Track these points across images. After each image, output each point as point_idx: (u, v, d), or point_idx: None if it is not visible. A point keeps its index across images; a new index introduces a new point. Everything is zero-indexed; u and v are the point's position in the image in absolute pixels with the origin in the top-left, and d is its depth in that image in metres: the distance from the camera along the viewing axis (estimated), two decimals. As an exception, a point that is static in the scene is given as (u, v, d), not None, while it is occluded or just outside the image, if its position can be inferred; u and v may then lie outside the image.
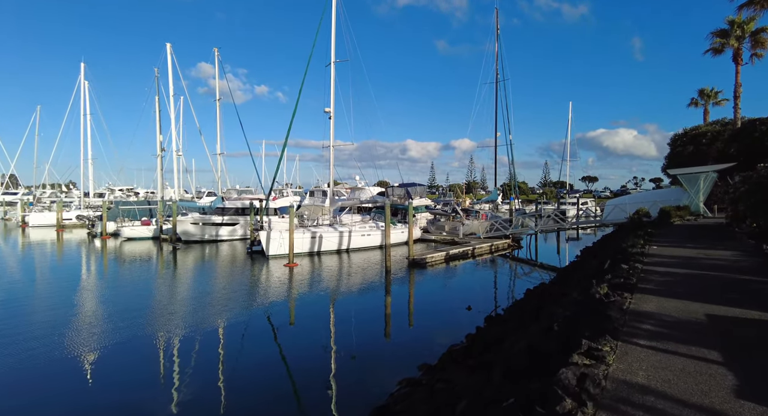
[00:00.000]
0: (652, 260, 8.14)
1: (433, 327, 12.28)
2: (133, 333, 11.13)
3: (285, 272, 19.81)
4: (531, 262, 25.31)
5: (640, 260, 7.96)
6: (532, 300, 11.50)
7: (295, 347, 10.70)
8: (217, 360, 9.70)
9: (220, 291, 16.07)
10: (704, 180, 21.23)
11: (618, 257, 10.22)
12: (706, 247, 9.93)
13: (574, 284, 9.30)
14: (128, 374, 8.86)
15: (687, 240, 11.43)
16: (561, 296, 8.65)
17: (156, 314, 12.92)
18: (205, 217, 30.77)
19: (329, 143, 26.73)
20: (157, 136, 35.40)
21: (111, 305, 14.01)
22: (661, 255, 8.67)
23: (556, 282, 13.29)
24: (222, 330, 11.74)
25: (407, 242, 29.66)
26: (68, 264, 23.10)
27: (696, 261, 8.31)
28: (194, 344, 10.65)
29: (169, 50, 39.90)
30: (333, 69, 25.90)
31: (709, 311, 5.10)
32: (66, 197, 55.42)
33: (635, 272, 6.76)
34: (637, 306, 5.17)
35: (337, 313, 13.85)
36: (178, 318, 12.54)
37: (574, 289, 7.85)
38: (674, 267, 7.55)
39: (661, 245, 10.49)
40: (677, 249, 9.58)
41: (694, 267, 7.69)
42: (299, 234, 23.15)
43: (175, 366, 9.28)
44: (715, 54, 26.60)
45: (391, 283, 17.76)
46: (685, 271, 7.32)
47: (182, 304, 14.17)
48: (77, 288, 16.99)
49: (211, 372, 8.94)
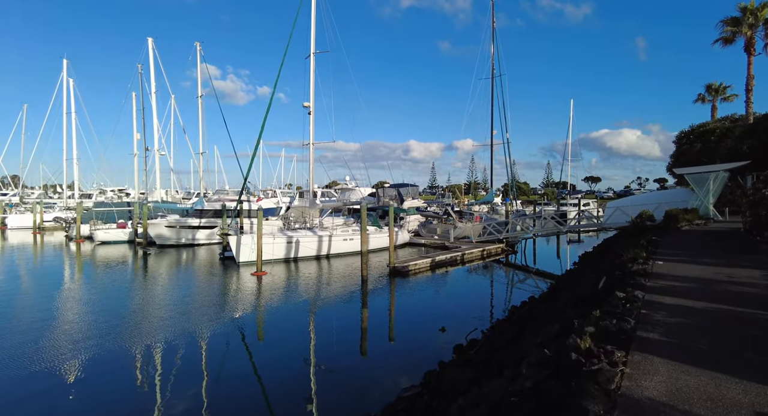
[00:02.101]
0: (658, 284, 6.29)
1: (407, 346, 10.66)
2: (66, 352, 9.65)
3: (252, 281, 18.04)
4: (525, 269, 23.44)
5: (642, 283, 6.12)
6: (513, 324, 9.69)
7: (256, 367, 9.40)
8: (160, 380, 8.39)
9: (174, 305, 14.32)
10: (714, 180, 19.29)
11: (616, 273, 8.39)
12: (726, 263, 8.02)
13: (558, 311, 7.47)
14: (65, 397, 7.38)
15: (700, 253, 9.55)
16: (541, 326, 6.82)
17: (92, 331, 11.29)
18: (181, 220, 29.05)
19: (309, 141, 24.91)
20: (134, 134, 33.74)
21: (49, 319, 12.37)
22: (669, 276, 6.83)
23: (544, 300, 11.45)
24: (162, 349, 10.16)
25: (394, 247, 27.99)
26: (30, 270, 21.45)
27: (717, 286, 6.32)
28: (137, 364, 9.27)
29: (151, 45, 38.26)
30: (312, 61, 24.16)
31: (762, 402, 2.92)
32: (52, 198, 53.95)
33: (634, 306, 4.92)
34: (634, 385, 3.12)
35: (306, 329, 12.23)
36: (114, 336, 10.93)
37: (554, 323, 6.02)
38: (688, 297, 5.62)
39: (669, 259, 8.63)
40: (689, 267, 7.68)
41: (717, 297, 5.62)
42: (273, 240, 21.37)
43: (106, 391, 7.96)
44: (726, 44, 24.63)
45: (367, 295, 15.98)
46: (704, 306, 5.20)
47: (125, 320, 12.47)
48: (22, 297, 15.30)
49: (153, 395, 7.72)
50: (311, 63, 24.16)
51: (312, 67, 24.19)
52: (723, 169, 19.24)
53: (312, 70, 24.19)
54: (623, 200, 27.63)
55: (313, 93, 24.23)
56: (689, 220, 16.72)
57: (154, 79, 38.70)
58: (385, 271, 19.69)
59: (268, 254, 20.75)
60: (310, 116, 24.33)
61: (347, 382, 8.42)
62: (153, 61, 38.45)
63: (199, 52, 37.14)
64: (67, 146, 45.81)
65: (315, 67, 24.25)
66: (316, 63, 24.10)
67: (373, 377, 8.76)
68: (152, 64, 38.41)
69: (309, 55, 24.26)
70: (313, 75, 24.21)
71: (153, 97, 39.01)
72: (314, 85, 24.26)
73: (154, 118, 38.96)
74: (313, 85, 24.26)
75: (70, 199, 48.20)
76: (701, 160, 23.98)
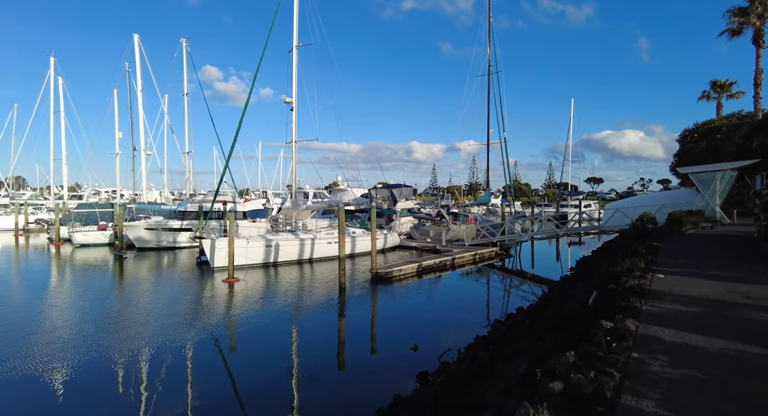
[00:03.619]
0: (656, 308, 4.96)
1: (374, 366, 9.43)
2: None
3: (222, 289, 16.80)
4: (520, 274, 22.08)
5: (636, 307, 4.81)
6: (491, 344, 8.39)
7: (215, 385, 8.40)
8: (112, 399, 7.61)
9: (130, 315, 13.08)
10: (721, 179, 17.92)
11: (609, 287, 7.09)
12: (740, 278, 6.62)
13: (538, 333, 6.17)
14: None
15: (708, 262, 8.21)
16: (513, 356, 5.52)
17: (31, 345, 10.18)
18: (161, 222, 27.85)
19: (292, 139, 23.65)
20: (116, 133, 32.58)
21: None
22: (671, 296, 5.50)
23: (530, 313, 10.14)
24: (112, 365, 9.11)
25: (383, 250, 26.69)
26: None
27: (734, 312, 4.82)
28: (80, 384, 8.27)
29: (137, 42, 37.21)
30: (295, 54, 22.93)
31: None
32: (47, 199, 52.83)
33: (621, 346, 3.61)
34: None
35: (273, 342, 11.05)
36: (66, 349, 9.88)
37: (525, 356, 4.72)
38: (696, 329, 4.17)
39: (671, 271, 7.31)
40: (696, 282, 6.32)
41: (737, 332, 4.12)
42: (247, 244, 20.11)
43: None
44: (732, 35, 23.22)
45: (345, 305, 14.71)
46: (721, 348, 3.69)
47: (80, 331, 11.31)
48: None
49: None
50: (294, 56, 22.95)
51: (294, 61, 23.00)
52: (731, 168, 17.88)
53: (294, 64, 23.01)
54: (623, 201, 26.23)
55: (296, 88, 23.02)
56: (694, 223, 15.36)
57: (140, 77, 37.67)
58: (367, 277, 18.38)
59: (242, 259, 19.52)
60: (293, 112, 23.10)
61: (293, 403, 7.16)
62: (139, 58, 37.43)
63: (185, 48, 36.10)
64: (55, 146, 44.87)
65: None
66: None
67: (324, 403, 7.50)
68: (138, 61, 37.37)
69: (291, 48, 23.04)
70: (295, 69, 23.02)
71: (139, 95, 38.02)
72: (297, 80, 23.06)
73: (140, 117, 37.94)
74: (295, 79, 23.08)
75: (61, 201, 47.16)
76: (707, 158, 22.60)
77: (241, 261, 19.56)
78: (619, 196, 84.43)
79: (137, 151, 39.63)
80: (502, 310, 14.27)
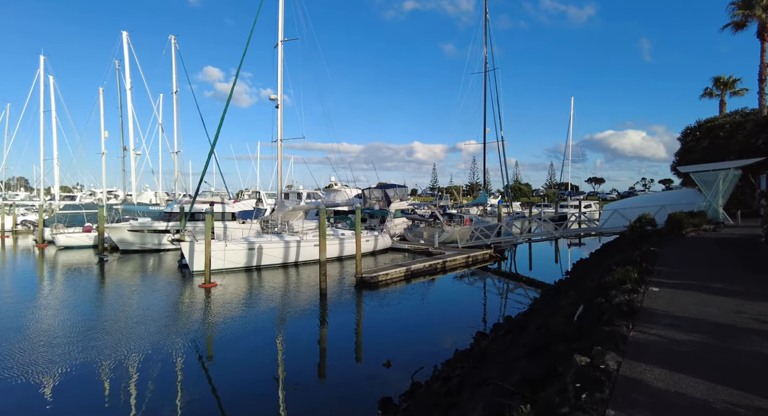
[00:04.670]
0: (646, 335, 4.03)
1: (338, 385, 8.51)
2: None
3: (199, 295, 15.97)
4: (515, 277, 21.18)
5: (620, 335, 3.92)
6: (466, 361, 7.52)
7: (182, 399, 7.75)
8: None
9: (98, 322, 12.30)
10: (724, 179, 17.00)
11: (597, 301, 6.20)
12: (748, 292, 5.63)
13: (511, 358, 5.30)
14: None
15: (710, 271, 7.31)
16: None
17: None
18: (146, 224, 27.05)
19: (278, 138, 22.81)
20: (101, 132, 31.82)
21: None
22: (666, 317, 4.57)
23: (516, 325, 9.26)
24: (74, 379, 8.36)
25: (374, 252, 25.81)
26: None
27: (743, 343, 3.79)
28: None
29: (126, 39, 36.43)
30: (280, 50, 22.07)
31: None
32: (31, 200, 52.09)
33: (594, 398, 2.73)
34: None
35: (246, 353, 10.25)
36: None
37: (484, 393, 3.84)
38: (694, 371, 3.17)
39: (668, 283, 6.42)
40: (696, 298, 5.36)
41: (747, 375, 3.15)
42: (225, 247, 19.24)
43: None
44: (736, 29, 22.25)
45: (326, 312, 13.86)
46: (727, 402, 2.74)
47: (30, 340, 10.49)
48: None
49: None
50: (279, 52, 22.10)
51: (280, 57, 22.13)
52: (734, 167, 16.95)
53: (280, 61, 22.14)
54: (622, 202, 25.28)
55: (281, 85, 22.18)
56: (696, 225, 14.44)
57: (129, 75, 36.92)
58: (351, 282, 17.51)
59: (220, 262, 18.67)
60: (278, 110, 22.25)
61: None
62: (128, 56, 36.67)
63: (174, 45, 35.26)
64: (46, 146, 44.11)
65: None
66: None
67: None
68: (127, 59, 36.61)
69: (277, 43, 22.20)
70: (281, 66, 22.17)
71: (129, 94, 37.27)
72: (282, 77, 22.22)
73: (129, 116, 37.19)
74: (281, 76, 22.22)
75: (53, 201, 46.44)
76: (709, 157, 21.66)
77: (221, 265, 18.71)
78: (621, 196, 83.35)
79: (128, 150, 38.95)
80: (490, 319, 13.39)
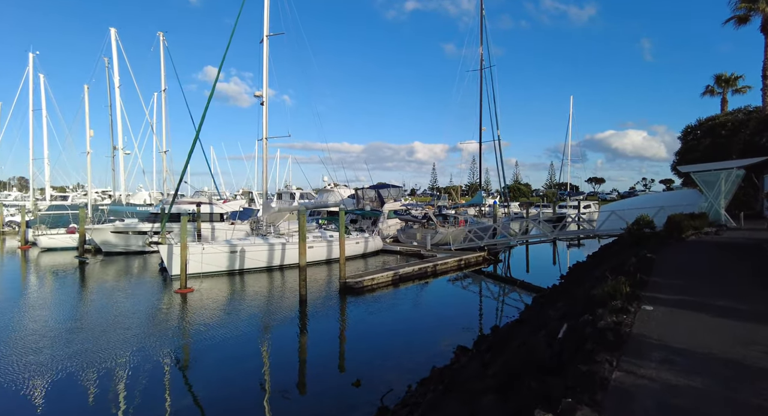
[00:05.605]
0: (632, 379, 3.13)
1: (313, 405, 7.71)
2: None
3: (174, 301, 15.19)
4: (509, 281, 20.33)
5: (601, 378, 3.12)
6: (437, 387, 6.73)
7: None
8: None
9: (66, 330, 11.51)
10: (726, 179, 16.20)
11: (584, 319, 5.41)
12: (760, 315, 4.68)
13: (481, 387, 4.50)
14: None
15: (714, 285, 6.47)
16: None
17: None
18: (130, 225, 26.26)
19: (263, 136, 22.00)
20: (86, 130, 31.05)
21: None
22: (659, 350, 3.66)
23: (500, 338, 8.45)
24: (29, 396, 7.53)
25: (364, 255, 25.01)
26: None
27: (758, 387, 3.00)
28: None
29: (114, 36, 35.69)
30: (266, 44, 21.27)
31: None
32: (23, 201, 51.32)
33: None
34: None
35: (216, 369, 9.40)
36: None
37: None
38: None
39: (664, 299, 5.61)
40: (698, 322, 4.43)
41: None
42: (203, 250, 18.42)
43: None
44: (739, 23, 21.41)
45: (306, 320, 13.08)
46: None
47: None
48: None
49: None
50: (264, 48, 21.30)
51: (265, 53, 21.33)
52: (737, 166, 16.15)
53: (265, 56, 21.35)
54: (619, 203, 24.46)
55: (266, 81, 21.37)
56: (697, 228, 13.64)
57: (117, 73, 36.20)
58: (335, 288, 16.70)
59: (198, 266, 17.85)
60: (263, 107, 21.46)
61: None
62: (117, 53, 35.92)
63: (162, 42, 34.52)
64: (35, 145, 43.40)
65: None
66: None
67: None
68: (116, 56, 35.86)
69: (262, 38, 21.41)
70: (266, 61, 21.38)
71: (117, 92, 36.54)
72: (267, 73, 21.42)
73: (118, 115, 36.46)
74: (266, 72, 21.42)
75: (43, 202, 45.66)
76: (711, 156, 20.85)
77: (199, 269, 17.91)
78: (621, 196, 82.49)
79: (118, 150, 38.22)
80: (476, 329, 12.56)
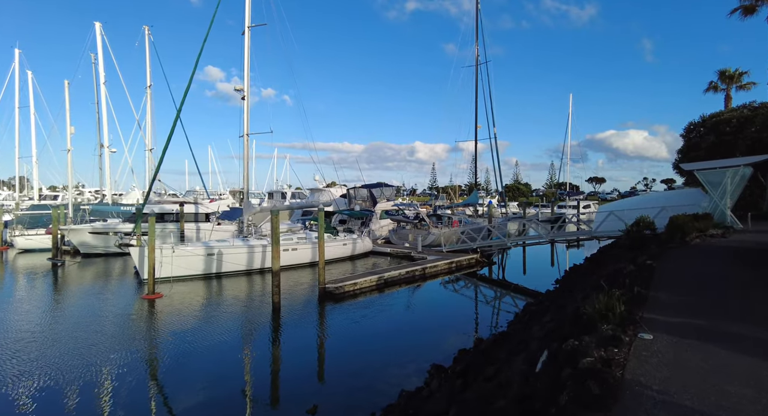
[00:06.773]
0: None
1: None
2: None
3: (139, 307, 14.18)
4: (502, 284, 19.28)
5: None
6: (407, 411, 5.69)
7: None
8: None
9: (15, 341, 10.48)
10: (732, 177, 15.15)
11: (567, 346, 4.37)
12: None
13: None
14: None
15: (726, 305, 5.39)
16: None
17: None
18: (109, 226, 25.26)
19: (244, 132, 20.96)
20: (67, 128, 30.07)
21: None
22: (661, 407, 2.69)
23: (466, 369, 7.42)
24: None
25: (352, 257, 23.97)
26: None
27: None
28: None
29: (99, 31, 34.63)
30: (248, 36, 20.25)
31: None
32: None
33: None
34: None
35: (197, 387, 8.40)
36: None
37: None
38: None
39: (666, 323, 4.56)
40: (709, 358, 3.42)
41: None
42: (173, 253, 17.38)
43: None
44: (745, 14, 20.31)
45: (278, 330, 12.09)
46: None
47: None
48: None
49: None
50: (246, 39, 20.28)
51: (246, 45, 20.30)
52: (744, 164, 15.09)
53: (246, 48, 20.32)
54: (618, 203, 23.38)
55: (248, 74, 20.35)
56: (701, 230, 12.58)
57: (103, 69, 35.11)
58: (314, 294, 15.66)
59: (170, 270, 16.84)
60: (245, 101, 20.44)
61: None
62: (102, 48, 34.88)
63: (147, 37, 33.49)
64: (22, 143, 42.44)
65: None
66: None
67: None
68: (101, 52, 34.78)
69: (243, 30, 20.38)
70: (247, 53, 20.35)
71: (103, 88, 35.51)
72: (248, 66, 20.40)
73: (104, 112, 35.44)
74: (247, 65, 20.40)
75: (31, 201, 44.71)
76: (715, 154, 19.77)
77: (170, 273, 16.89)
78: (622, 196, 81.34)
79: (104, 148, 37.29)
80: (460, 341, 11.40)
